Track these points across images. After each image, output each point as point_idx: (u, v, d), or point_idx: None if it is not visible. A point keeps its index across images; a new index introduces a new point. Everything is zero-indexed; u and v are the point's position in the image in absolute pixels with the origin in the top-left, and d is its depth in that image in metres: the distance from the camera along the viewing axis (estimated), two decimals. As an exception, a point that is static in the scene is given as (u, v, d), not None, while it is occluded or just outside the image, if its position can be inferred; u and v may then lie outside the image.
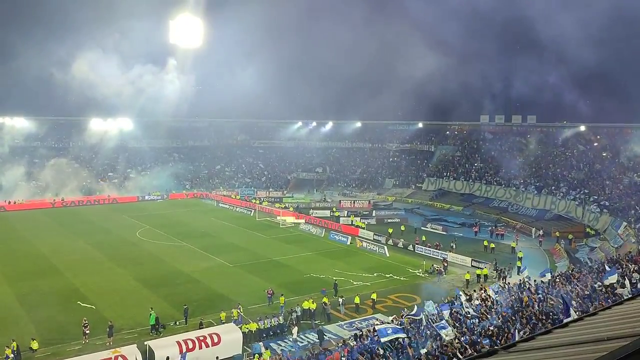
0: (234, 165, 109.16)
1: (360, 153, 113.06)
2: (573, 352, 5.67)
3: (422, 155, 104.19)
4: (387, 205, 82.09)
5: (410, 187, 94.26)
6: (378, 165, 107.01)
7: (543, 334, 7.33)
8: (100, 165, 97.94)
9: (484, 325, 23.87)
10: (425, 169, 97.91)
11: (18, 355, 27.07)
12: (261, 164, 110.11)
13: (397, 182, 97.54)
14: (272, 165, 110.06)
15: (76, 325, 31.07)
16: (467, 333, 23.34)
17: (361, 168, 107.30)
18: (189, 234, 60.03)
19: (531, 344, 6.77)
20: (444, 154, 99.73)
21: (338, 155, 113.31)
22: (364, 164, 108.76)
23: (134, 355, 25.76)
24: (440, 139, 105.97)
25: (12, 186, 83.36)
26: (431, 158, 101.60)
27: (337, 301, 35.62)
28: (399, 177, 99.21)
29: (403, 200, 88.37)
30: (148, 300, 36.60)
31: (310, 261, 49.19)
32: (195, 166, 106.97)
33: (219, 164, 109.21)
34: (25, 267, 45.61)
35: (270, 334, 31.23)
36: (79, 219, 69.91)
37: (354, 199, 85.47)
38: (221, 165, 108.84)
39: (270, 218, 70.74)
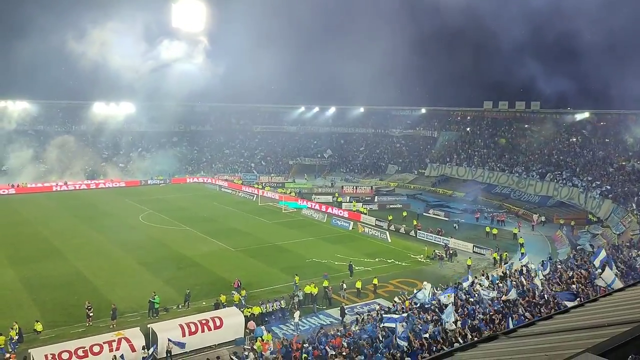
0: (236, 150, 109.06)
1: (363, 138, 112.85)
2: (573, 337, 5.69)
3: (425, 141, 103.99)
4: (389, 191, 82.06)
5: (412, 173, 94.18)
6: (381, 150, 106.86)
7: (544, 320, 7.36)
8: (103, 149, 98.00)
9: (486, 311, 24.01)
10: (428, 155, 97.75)
11: (20, 337, 27.32)
12: (263, 149, 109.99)
13: (400, 168, 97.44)
14: (275, 151, 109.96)
15: (79, 308, 31.32)
16: (468, 318, 23.48)
17: (364, 154, 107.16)
18: (192, 218, 60.23)
19: (532, 329, 6.80)
20: (447, 140, 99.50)
21: (341, 141, 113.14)
22: (366, 149, 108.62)
23: (137, 338, 25.98)
24: (443, 124, 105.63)
25: (17, 169, 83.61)
26: (434, 144, 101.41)
27: (340, 285, 35.71)
28: (402, 163, 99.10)
29: (405, 186, 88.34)
30: (151, 284, 36.82)
31: (312, 246, 49.39)
32: (197, 151, 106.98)
33: (222, 148, 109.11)
34: (28, 250, 45.87)
35: (273, 317, 31.47)
36: (82, 202, 70.13)
37: (356, 185, 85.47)
38: (224, 150, 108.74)
39: (273, 203, 70.85)
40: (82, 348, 24.56)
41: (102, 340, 25.35)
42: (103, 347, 24.88)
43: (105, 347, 24.89)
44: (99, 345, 24.91)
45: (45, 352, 24.03)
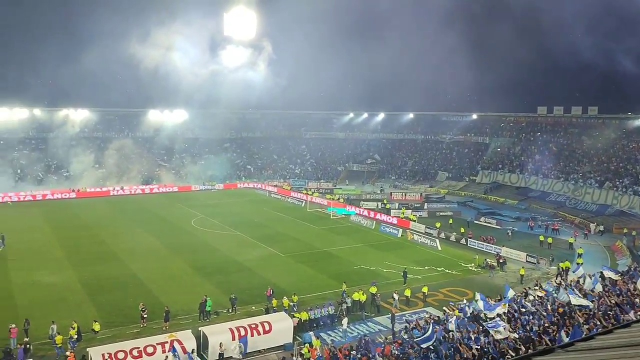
0: (285, 156, 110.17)
1: (413, 145, 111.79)
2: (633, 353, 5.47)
3: (476, 147, 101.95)
4: (439, 198, 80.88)
5: (463, 180, 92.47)
6: (430, 157, 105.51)
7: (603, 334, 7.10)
8: (157, 155, 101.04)
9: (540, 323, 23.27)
10: (479, 161, 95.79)
11: (79, 336, 28.43)
12: (312, 155, 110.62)
13: (450, 175, 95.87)
14: (324, 157, 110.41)
15: (134, 310, 32.31)
16: (521, 329, 22.82)
17: (413, 160, 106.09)
18: (242, 223, 61.16)
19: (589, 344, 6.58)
20: (499, 146, 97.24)
21: (390, 147, 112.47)
22: (416, 155, 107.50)
23: (188, 340, 26.58)
24: (495, 130, 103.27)
25: (77, 174, 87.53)
26: (486, 150, 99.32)
27: (393, 298, 35.14)
28: (452, 170, 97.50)
29: (456, 193, 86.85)
30: (202, 288, 37.63)
31: (361, 253, 49.20)
32: (248, 157, 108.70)
33: (272, 154, 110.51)
34: (87, 252, 47.73)
35: (321, 324, 31.53)
36: (137, 207, 72.45)
37: (405, 191, 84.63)
38: (273, 156, 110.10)
39: (321, 209, 71.08)
40: (136, 348, 25.37)
41: (155, 342, 26.10)
42: (156, 348, 25.61)
43: (158, 348, 25.62)
44: (152, 346, 25.66)
45: (102, 351, 24.95)
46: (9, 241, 49.74)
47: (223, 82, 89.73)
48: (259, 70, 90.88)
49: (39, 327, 29.72)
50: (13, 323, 28.91)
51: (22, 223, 59.86)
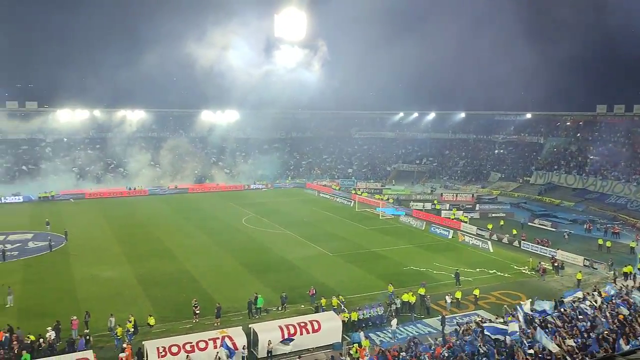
0: (335, 156, 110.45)
1: (464, 145, 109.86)
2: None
3: (531, 147, 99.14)
4: (491, 199, 79.17)
5: (516, 181, 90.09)
6: (482, 157, 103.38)
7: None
8: (210, 154, 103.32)
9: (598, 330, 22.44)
10: (533, 162, 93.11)
11: (135, 330, 29.46)
12: (362, 155, 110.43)
13: (503, 175, 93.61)
14: (373, 157, 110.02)
15: (187, 305, 33.17)
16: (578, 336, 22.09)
17: (464, 160, 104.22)
18: (291, 222, 61.73)
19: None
20: (555, 146, 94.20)
21: (440, 147, 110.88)
22: (467, 155, 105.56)
23: (239, 337, 27.08)
24: (550, 130, 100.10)
25: (134, 173, 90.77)
26: (540, 150, 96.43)
27: (446, 301, 34.67)
28: (505, 170, 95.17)
29: (509, 194, 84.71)
30: (252, 285, 38.25)
31: (410, 254, 48.76)
32: (298, 156, 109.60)
33: (321, 154, 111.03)
34: (143, 249, 49.37)
35: (370, 324, 31.48)
36: (190, 205, 74.31)
37: (456, 192, 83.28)
38: (323, 156, 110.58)
39: (370, 209, 70.87)
40: (189, 343, 26.06)
41: (207, 337, 26.72)
42: (208, 344, 26.22)
43: (210, 344, 26.21)
44: (204, 342, 26.29)
45: (157, 344, 25.75)
46: (70, 237, 52.11)
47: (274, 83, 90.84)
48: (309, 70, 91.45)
49: (98, 320, 31.01)
50: (74, 315, 30.27)
51: (83, 220, 62.54)
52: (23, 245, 49.60)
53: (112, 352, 27.39)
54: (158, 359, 24.93)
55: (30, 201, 75.95)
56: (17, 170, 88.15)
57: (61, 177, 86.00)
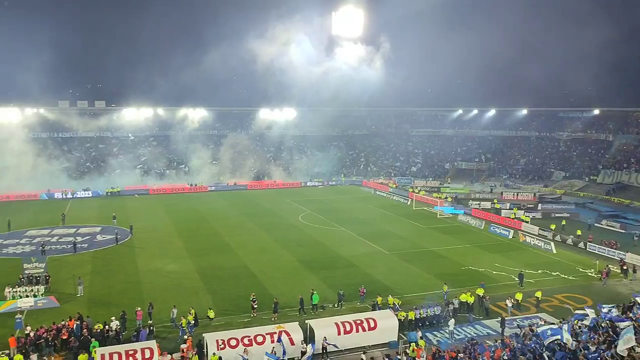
0: (391, 154, 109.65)
1: (526, 142, 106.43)
2: None
3: (598, 145, 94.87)
4: (555, 199, 76.35)
5: (582, 180, 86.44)
6: (545, 155, 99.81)
7: None
8: (267, 152, 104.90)
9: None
10: (601, 160, 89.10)
11: (196, 322, 30.37)
12: (419, 153, 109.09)
13: (567, 174, 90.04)
14: (430, 154, 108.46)
15: (246, 300, 33.88)
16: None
17: (526, 158, 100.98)
18: (348, 220, 61.80)
19: None
20: (625, 144, 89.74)
21: (501, 144, 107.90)
22: (529, 153, 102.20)
23: (296, 332, 27.41)
24: (620, 127, 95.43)
25: (195, 170, 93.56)
26: (609, 148, 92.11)
27: (509, 303, 33.51)
28: (570, 169, 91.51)
29: (573, 194, 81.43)
30: (309, 281, 38.65)
31: (469, 253, 47.82)
32: (354, 154, 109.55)
33: (377, 152, 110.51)
34: (204, 243, 50.80)
35: (427, 323, 31.14)
36: (248, 201, 75.77)
37: (517, 191, 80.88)
38: (379, 153, 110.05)
39: (427, 208, 69.96)
40: (247, 337, 26.63)
41: (264, 332, 27.22)
42: (265, 338, 26.70)
43: (267, 338, 26.69)
44: (262, 336, 26.80)
45: (217, 337, 26.46)
46: (135, 231, 54.29)
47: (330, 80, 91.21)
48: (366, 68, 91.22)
49: (161, 311, 32.21)
50: (139, 306, 31.55)
51: (147, 214, 65.02)
52: (92, 238, 52.13)
53: (174, 343, 28.36)
54: (217, 351, 25.62)
55: (99, 196, 79.74)
56: (86, 167, 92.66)
57: (127, 173, 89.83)
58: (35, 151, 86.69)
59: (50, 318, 30.61)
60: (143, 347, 25.34)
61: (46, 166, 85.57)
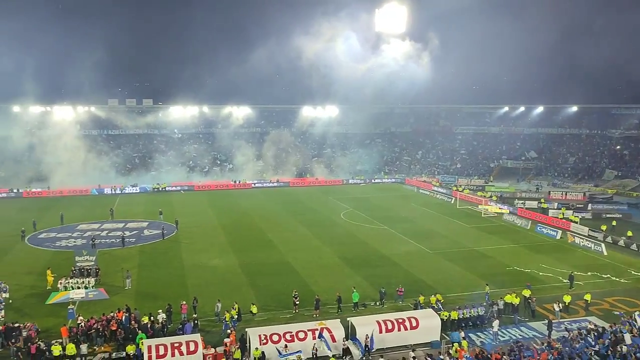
0: (434, 152, 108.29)
1: (575, 140, 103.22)
2: None
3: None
4: (606, 199, 73.77)
5: (635, 179, 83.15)
6: (596, 154, 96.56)
7: None
8: (310, 149, 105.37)
9: None
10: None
11: (239, 316, 30.82)
12: (463, 151, 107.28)
13: (620, 173, 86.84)
14: (475, 152, 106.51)
15: (288, 296, 34.14)
16: None
17: (576, 156, 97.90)
18: (390, 218, 61.43)
19: None
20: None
21: (549, 142, 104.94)
22: (579, 152, 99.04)
23: (337, 329, 27.46)
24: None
25: (239, 167, 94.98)
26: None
27: (556, 306, 32.48)
28: (623, 168, 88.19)
29: (626, 194, 78.47)
30: (350, 279, 38.63)
31: (514, 253, 46.77)
32: (396, 152, 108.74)
33: (420, 149, 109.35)
34: (247, 239, 51.48)
35: (470, 324, 30.65)
36: (291, 198, 76.31)
37: (565, 190, 78.60)
38: (422, 151, 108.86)
39: (471, 206, 68.81)
40: (289, 332, 26.86)
41: (306, 328, 27.39)
42: (307, 334, 26.87)
43: (309, 335, 26.85)
44: (304, 332, 26.98)
45: (259, 332, 26.81)
46: (180, 226, 55.53)
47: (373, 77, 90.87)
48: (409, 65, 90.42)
49: (205, 305, 32.81)
50: (184, 300, 32.26)
51: (192, 210, 66.41)
52: (139, 233, 53.60)
53: (217, 337, 28.86)
54: (259, 345, 25.94)
55: (146, 192, 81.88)
56: (134, 163, 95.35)
57: (173, 170, 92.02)
58: (86, 148, 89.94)
59: (100, 309, 31.71)
60: (188, 340, 25.93)
61: (96, 162, 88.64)
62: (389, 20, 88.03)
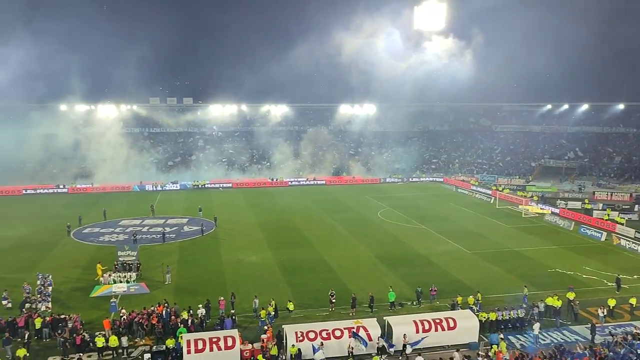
0: (473, 151, 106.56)
1: (622, 139, 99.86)
2: None
3: None
4: (654, 200, 71.22)
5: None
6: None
7: None
8: (347, 147, 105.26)
9: None
10: None
11: (276, 313, 31.07)
12: (503, 150, 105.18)
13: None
14: (515, 151, 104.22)
15: (324, 294, 34.24)
16: None
17: (622, 156, 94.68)
18: (427, 217, 60.82)
19: None
20: None
21: (593, 141, 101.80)
22: (625, 151, 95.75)
23: (374, 328, 27.38)
24: None
25: (277, 165, 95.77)
26: None
27: (601, 312, 31.53)
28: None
29: (676, 195, 75.53)
30: (387, 278, 38.44)
31: (556, 255, 45.61)
32: (435, 150, 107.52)
33: (459, 148, 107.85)
34: (284, 236, 51.87)
35: (509, 326, 30.07)
36: (328, 196, 76.43)
37: (611, 191, 76.18)
38: (461, 150, 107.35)
39: (511, 206, 67.46)
40: (325, 330, 26.94)
41: (343, 326, 27.40)
42: (343, 332, 26.89)
43: (345, 333, 26.85)
44: (340, 330, 27.01)
45: (296, 329, 26.96)
46: (219, 222, 56.38)
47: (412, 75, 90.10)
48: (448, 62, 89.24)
49: (242, 301, 33.25)
50: (222, 296, 32.74)
51: (230, 207, 67.36)
52: (179, 229, 54.66)
53: (255, 333, 29.18)
54: (296, 342, 26.10)
55: (185, 189, 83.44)
56: (174, 161, 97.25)
57: (212, 167, 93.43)
58: (128, 145, 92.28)
59: (140, 303, 32.51)
60: (226, 335, 26.30)
61: (137, 159, 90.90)
62: (428, 17, 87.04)
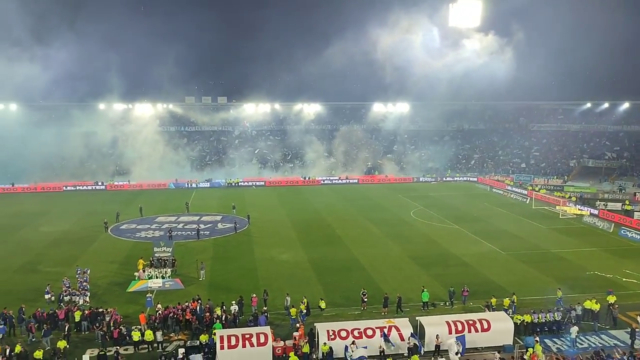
0: (509, 150, 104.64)
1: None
2: None
3: None
4: (699, 202, 68.71)
5: None
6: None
7: None
8: (380, 146, 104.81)
9: None
10: None
11: (308, 311, 31.21)
12: (540, 149, 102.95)
13: None
14: (552, 151, 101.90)
15: (356, 293, 34.18)
16: None
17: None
18: (461, 217, 60.09)
19: None
20: None
21: (635, 141, 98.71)
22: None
23: (406, 328, 27.25)
24: None
25: (309, 164, 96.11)
26: None
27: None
28: None
29: None
30: (419, 278, 38.17)
31: (594, 258, 44.48)
32: (469, 149, 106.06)
33: (494, 147, 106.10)
34: (316, 235, 52.04)
35: (545, 329, 29.48)
36: (360, 195, 76.25)
37: (653, 192, 73.78)
38: (496, 149, 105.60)
39: (548, 207, 66.05)
40: (357, 329, 26.97)
41: (374, 325, 27.38)
42: (375, 332, 26.87)
43: (377, 332, 26.81)
44: (371, 329, 27.00)
45: (327, 327, 27.05)
46: (252, 220, 56.95)
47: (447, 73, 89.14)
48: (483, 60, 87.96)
49: (275, 299, 33.52)
50: (254, 293, 33.06)
51: (263, 205, 67.95)
52: (213, 226, 55.43)
53: (287, 330, 29.36)
54: (328, 340, 26.19)
55: (219, 187, 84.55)
56: (209, 159, 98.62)
57: (245, 166, 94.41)
58: (164, 143, 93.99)
59: (175, 299, 33.12)
60: (258, 332, 26.57)
61: (173, 157, 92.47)
62: (463, 14, 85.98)
